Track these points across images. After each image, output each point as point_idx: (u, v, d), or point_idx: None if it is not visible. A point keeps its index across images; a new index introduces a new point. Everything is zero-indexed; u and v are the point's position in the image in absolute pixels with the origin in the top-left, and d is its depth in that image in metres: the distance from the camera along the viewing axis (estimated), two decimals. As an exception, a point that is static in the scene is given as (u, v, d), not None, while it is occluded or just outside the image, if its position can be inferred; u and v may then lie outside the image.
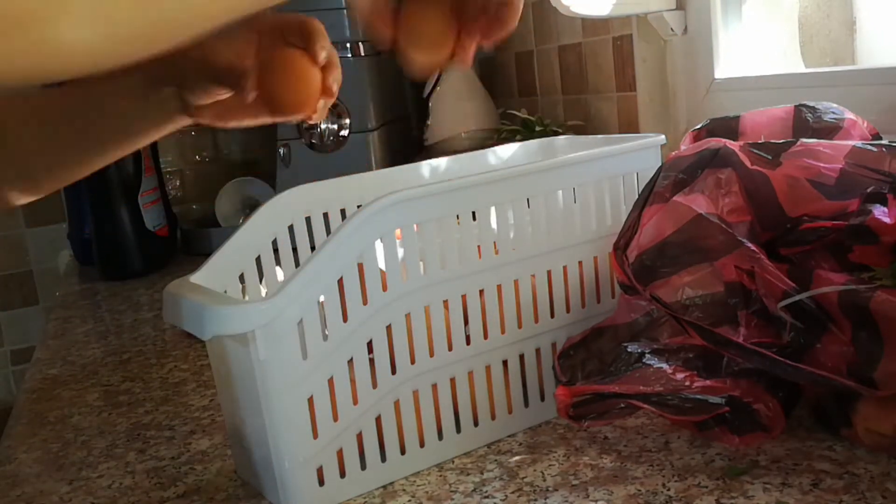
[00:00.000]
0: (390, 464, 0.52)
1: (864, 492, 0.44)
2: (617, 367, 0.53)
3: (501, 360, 0.56)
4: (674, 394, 0.49)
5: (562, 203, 0.57)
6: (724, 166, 0.52)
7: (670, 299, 0.51)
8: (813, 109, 0.57)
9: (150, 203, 1.23)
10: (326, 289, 0.48)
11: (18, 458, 0.62)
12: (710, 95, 0.90)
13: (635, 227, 0.54)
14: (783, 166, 0.51)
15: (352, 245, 0.48)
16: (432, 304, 0.52)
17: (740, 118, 0.59)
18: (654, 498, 0.46)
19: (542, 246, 0.56)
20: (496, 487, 0.50)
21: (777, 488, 0.45)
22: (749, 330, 0.50)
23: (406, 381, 0.52)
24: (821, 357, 0.47)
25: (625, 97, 1.00)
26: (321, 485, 0.49)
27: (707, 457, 0.50)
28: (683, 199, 0.52)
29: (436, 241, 0.52)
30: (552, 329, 0.57)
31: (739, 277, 0.50)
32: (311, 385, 0.48)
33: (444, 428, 0.54)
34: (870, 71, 0.74)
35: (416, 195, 0.50)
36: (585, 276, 0.59)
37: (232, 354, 0.51)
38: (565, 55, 1.11)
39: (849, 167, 0.50)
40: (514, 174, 0.55)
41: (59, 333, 0.97)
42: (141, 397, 0.72)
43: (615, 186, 0.60)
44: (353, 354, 0.49)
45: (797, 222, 0.51)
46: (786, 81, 0.82)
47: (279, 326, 0.46)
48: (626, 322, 0.57)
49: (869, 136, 0.56)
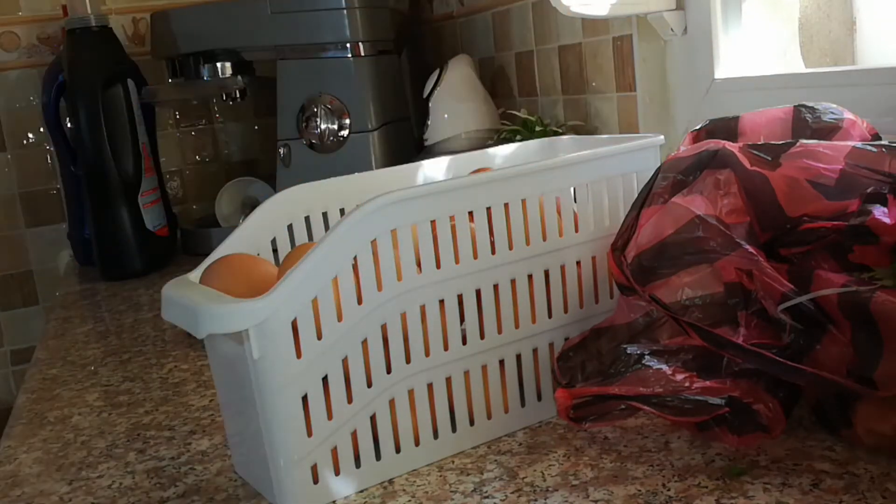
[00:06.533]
0: (385, 462, 0.52)
1: (864, 492, 0.44)
2: (616, 369, 0.53)
3: (498, 359, 0.56)
4: (674, 395, 0.49)
5: (560, 203, 0.57)
6: (723, 167, 0.52)
7: (669, 300, 0.51)
8: (812, 110, 0.57)
9: (150, 203, 1.23)
10: (321, 288, 0.48)
11: (18, 458, 0.62)
12: (710, 96, 0.90)
13: (633, 227, 0.54)
14: (783, 167, 0.51)
15: (347, 244, 0.49)
16: (428, 304, 0.52)
17: (740, 119, 0.59)
18: (654, 498, 0.46)
19: (539, 246, 0.56)
20: (496, 487, 0.50)
21: (777, 488, 0.45)
22: (749, 331, 0.50)
23: (401, 380, 0.52)
24: (821, 358, 0.47)
25: (624, 97, 1.00)
26: (315, 483, 0.50)
27: (707, 457, 0.50)
28: (682, 200, 0.52)
29: (432, 241, 0.52)
30: (550, 329, 0.57)
31: (739, 278, 0.50)
32: (305, 383, 0.48)
33: (440, 427, 0.54)
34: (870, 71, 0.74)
35: (413, 195, 0.51)
36: (584, 277, 0.59)
37: (228, 353, 0.51)
38: (565, 55, 1.10)
39: (849, 168, 0.50)
40: (512, 174, 0.55)
41: (59, 333, 0.97)
42: (141, 397, 0.72)
43: (614, 187, 0.60)
44: (347, 353, 0.49)
45: (797, 223, 0.51)
46: (786, 82, 0.82)
47: (273, 325, 0.46)
48: (625, 323, 0.57)
49: (868, 137, 0.56)
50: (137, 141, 1.21)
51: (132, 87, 1.22)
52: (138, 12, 1.47)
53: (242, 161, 1.57)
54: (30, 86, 1.43)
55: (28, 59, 1.44)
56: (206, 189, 1.51)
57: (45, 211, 1.46)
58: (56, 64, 1.28)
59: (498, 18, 1.26)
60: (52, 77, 1.27)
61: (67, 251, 1.42)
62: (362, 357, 0.50)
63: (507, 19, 1.23)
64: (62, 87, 1.24)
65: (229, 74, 1.21)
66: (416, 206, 0.51)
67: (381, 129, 1.16)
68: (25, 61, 1.44)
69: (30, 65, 1.43)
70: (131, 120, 1.21)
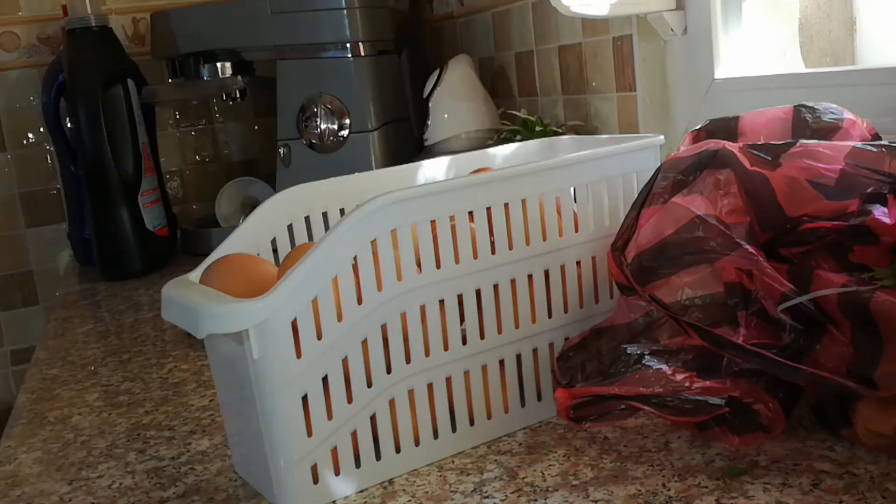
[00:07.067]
0: (385, 462, 0.52)
1: (864, 492, 0.44)
2: (616, 369, 0.53)
3: (498, 359, 0.56)
4: (674, 395, 0.49)
5: (560, 203, 0.57)
6: (723, 167, 0.52)
7: (669, 300, 0.51)
8: (812, 110, 0.57)
9: (150, 203, 1.23)
10: (321, 288, 0.48)
11: (18, 459, 0.62)
12: (710, 96, 0.90)
13: (633, 227, 0.54)
14: (783, 167, 0.51)
15: (347, 244, 0.49)
16: (428, 304, 0.52)
17: (740, 119, 0.59)
18: (654, 498, 0.46)
19: (539, 246, 0.56)
20: (496, 487, 0.50)
21: (777, 488, 0.45)
22: (749, 331, 0.50)
23: (401, 380, 0.52)
24: (821, 358, 0.47)
25: (624, 97, 1.00)
26: (315, 483, 0.50)
27: (707, 457, 0.50)
28: (682, 200, 0.52)
29: (432, 241, 0.52)
30: (550, 329, 0.57)
31: (739, 278, 0.50)
32: (305, 383, 0.48)
33: (440, 427, 0.54)
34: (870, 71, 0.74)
35: (413, 195, 0.51)
36: (584, 277, 0.59)
37: (228, 353, 0.51)
38: (565, 55, 1.10)
39: (849, 168, 0.50)
40: (512, 174, 0.55)
41: (59, 333, 0.97)
42: (141, 397, 0.72)
43: (614, 187, 0.59)
44: (347, 353, 0.49)
45: (797, 223, 0.51)
46: (786, 82, 0.82)
47: (273, 325, 0.46)
48: (625, 323, 0.57)
49: (868, 137, 0.56)
50: (137, 141, 1.21)
51: (132, 87, 1.22)
52: (138, 12, 1.47)
53: (242, 161, 1.57)
54: (30, 86, 1.43)
55: (28, 59, 1.44)
56: (206, 189, 1.51)
57: (45, 211, 1.46)
58: (56, 64, 1.28)
59: (498, 18, 1.26)
60: (52, 77, 1.27)
61: (67, 251, 1.42)
62: (362, 357, 0.50)
63: (507, 19, 1.23)
64: (62, 87, 1.24)
65: (229, 74, 1.21)
66: (416, 206, 0.51)
67: (381, 129, 1.16)
68: (25, 61, 1.44)
69: (30, 65, 1.43)
70: (131, 120, 1.21)
